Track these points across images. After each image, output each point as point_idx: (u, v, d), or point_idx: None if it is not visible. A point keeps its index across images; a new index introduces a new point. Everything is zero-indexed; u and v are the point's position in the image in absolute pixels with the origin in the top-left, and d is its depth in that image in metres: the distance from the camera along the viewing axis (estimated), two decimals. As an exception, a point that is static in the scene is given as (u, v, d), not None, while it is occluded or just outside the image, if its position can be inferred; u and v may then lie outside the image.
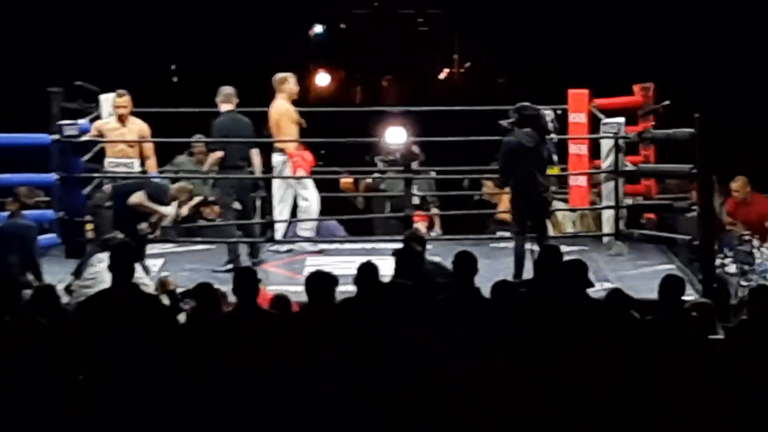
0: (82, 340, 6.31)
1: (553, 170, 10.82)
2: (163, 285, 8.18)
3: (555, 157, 10.64)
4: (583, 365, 6.12)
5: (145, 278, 8.80)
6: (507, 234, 10.76)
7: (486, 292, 6.61)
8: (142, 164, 10.49)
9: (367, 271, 6.76)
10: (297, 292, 7.45)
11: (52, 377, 6.19)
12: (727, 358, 6.18)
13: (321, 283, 6.54)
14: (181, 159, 12.44)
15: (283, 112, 10.89)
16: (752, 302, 6.38)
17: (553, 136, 10.43)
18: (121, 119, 10.44)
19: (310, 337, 6.26)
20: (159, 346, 6.23)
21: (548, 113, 10.12)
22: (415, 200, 12.05)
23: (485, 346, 6.18)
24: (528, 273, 9.26)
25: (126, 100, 10.47)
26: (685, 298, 6.90)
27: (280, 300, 7.39)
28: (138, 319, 6.28)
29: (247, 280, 6.54)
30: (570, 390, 6.07)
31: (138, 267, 7.98)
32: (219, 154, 10.51)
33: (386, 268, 7.29)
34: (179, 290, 7.67)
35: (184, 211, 12.49)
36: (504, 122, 9.77)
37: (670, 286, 6.53)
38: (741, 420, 6.05)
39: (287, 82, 10.98)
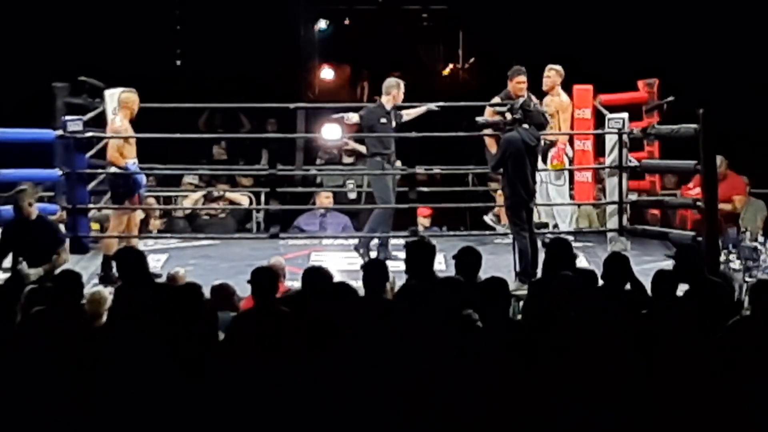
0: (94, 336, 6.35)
1: (556, 166, 10.83)
2: (173, 280, 8.19)
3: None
4: (582, 361, 6.12)
5: None
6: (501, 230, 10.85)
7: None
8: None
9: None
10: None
11: (61, 373, 6.20)
12: (728, 354, 6.17)
13: (316, 279, 6.55)
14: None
15: None
16: (753, 298, 6.37)
17: (560, 143, 10.45)
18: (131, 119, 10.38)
19: (320, 337, 6.27)
20: (170, 344, 6.23)
21: (543, 109, 10.14)
22: (352, 195, 12.19)
23: (485, 345, 6.17)
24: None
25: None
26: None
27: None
28: (149, 316, 6.31)
29: (264, 280, 6.54)
30: (568, 386, 6.07)
31: None
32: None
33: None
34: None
35: (188, 203, 12.56)
36: (481, 119, 9.79)
37: (663, 280, 6.54)
38: (741, 416, 6.04)
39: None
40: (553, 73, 10.95)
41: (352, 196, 12.54)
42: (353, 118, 10.63)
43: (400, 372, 6.11)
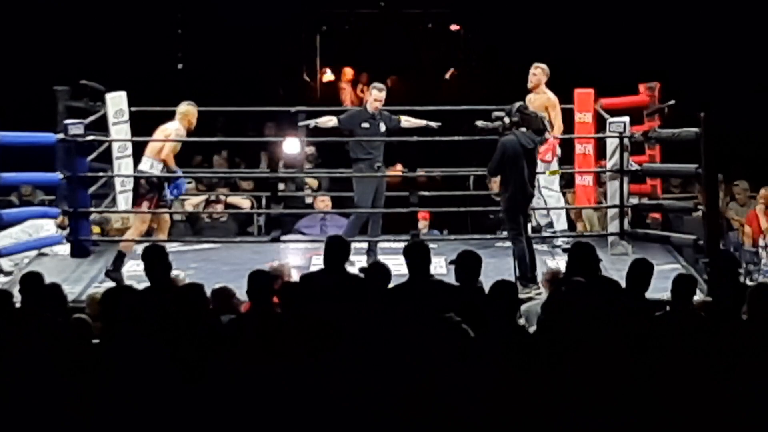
0: (97, 338, 6.34)
1: (554, 172, 10.82)
2: (173, 283, 8.17)
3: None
4: (590, 364, 6.12)
5: None
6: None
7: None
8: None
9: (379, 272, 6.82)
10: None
11: (56, 377, 6.19)
12: (726, 357, 6.17)
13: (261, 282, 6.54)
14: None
15: None
16: (752, 301, 6.36)
17: (550, 137, 10.42)
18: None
19: (322, 340, 6.26)
20: (169, 346, 6.23)
21: (543, 114, 10.14)
22: (309, 199, 12.27)
23: (488, 348, 6.17)
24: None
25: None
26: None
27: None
28: (150, 319, 6.30)
29: (260, 283, 6.53)
30: (575, 390, 6.07)
31: None
32: None
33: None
34: None
35: (189, 207, 12.57)
36: (481, 123, 9.79)
37: (683, 284, 6.54)
38: (740, 420, 6.04)
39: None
40: (538, 71, 10.98)
41: (309, 200, 12.63)
42: (329, 122, 10.65)
43: (402, 375, 6.10)
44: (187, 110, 10.29)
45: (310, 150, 13.17)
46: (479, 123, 9.84)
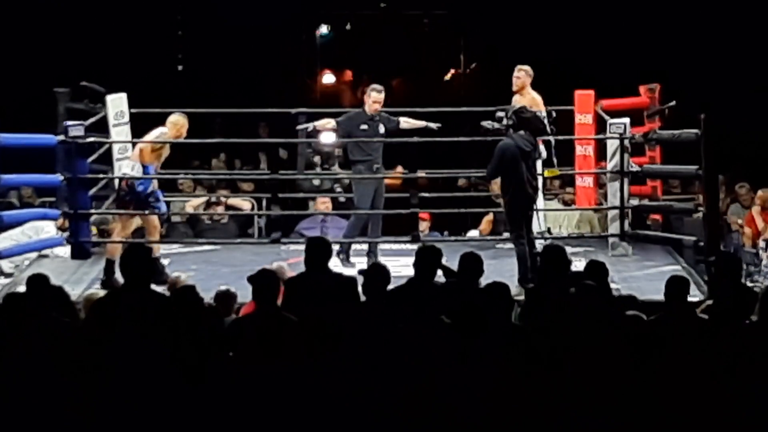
0: (92, 340, 6.33)
1: (553, 172, 10.81)
2: (173, 284, 8.18)
3: (555, 160, 10.65)
4: (588, 367, 6.12)
5: None
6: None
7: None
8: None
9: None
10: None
11: (60, 378, 6.19)
12: (734, 359, 6.17)
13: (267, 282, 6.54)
14: None
15: None
16: (765, 302, 6.35)
17: (551, 138, 10.42)
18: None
19: (322, 341, 6.26)
20: (170, 348, 6.22)
21: (544, 114, 10.12)
22: (342, 199, 12.34)
23: (488, 349, 6.17)
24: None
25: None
26: (690, 299, 6.92)
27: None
28: (150, 321, 6.30)
29: (266, 283, 6.52)
30: (574, 393, 6.07)
31: None
32: None
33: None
34: None
35: (190, 208, 12.58)
36: (487, 123, 9.77)
37: (675, 286, 6.54)
38: (745, 423, 6.04)
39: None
40: (522, 74, 10.86)
41: (341, 200, 12.64)
42: (327, 124, 10.65)
43: (402, 376, 6.10)
44: (177, 120, 10.24)
45: (338, 152, 13.12)
46: (485, 123, 9.82)
